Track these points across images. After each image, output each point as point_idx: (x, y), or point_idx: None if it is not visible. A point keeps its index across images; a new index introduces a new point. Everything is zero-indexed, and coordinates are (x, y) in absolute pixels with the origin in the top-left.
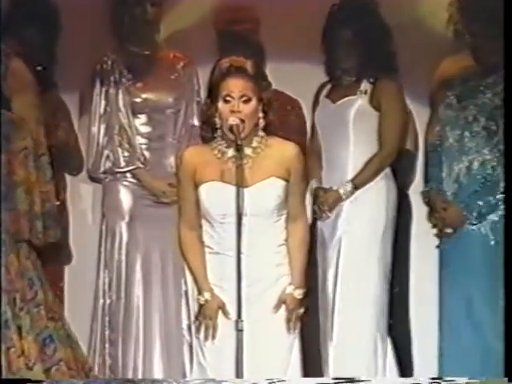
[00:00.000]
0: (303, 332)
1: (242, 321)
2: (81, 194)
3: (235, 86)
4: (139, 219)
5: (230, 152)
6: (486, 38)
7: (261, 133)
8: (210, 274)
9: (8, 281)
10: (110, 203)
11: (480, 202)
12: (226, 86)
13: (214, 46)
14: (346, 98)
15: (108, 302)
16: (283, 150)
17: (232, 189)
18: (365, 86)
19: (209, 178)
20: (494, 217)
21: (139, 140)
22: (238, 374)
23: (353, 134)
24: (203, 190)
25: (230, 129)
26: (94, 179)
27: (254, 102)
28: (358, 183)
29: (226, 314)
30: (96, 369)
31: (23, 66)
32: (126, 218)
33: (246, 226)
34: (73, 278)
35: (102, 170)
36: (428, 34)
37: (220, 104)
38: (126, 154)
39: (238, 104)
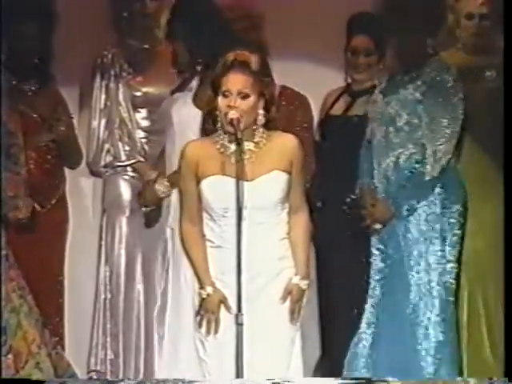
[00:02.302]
0: None
1: (241, 315)
2: (81, 189)
3: (234, 82)
4: (139, 213)
5: (233, 146)
6: (406, 34)
7: (261, 128)
8: (211, 267)
9: (8, 268)
10: (110, 197)
11: (408, 196)
12: (226, 82)
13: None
14: (177, 94)
15: (109, 296)
16: (284, 142)
17: (234, 183)
18: (194, 81)
19: (211, 172)
20: (424, 210)
21: (139, 134)
22: (239, 368)
23: (176, 130)
24: (206, 184)
25: (230, 122)
26: (93, 173)
27: (252, 98)
28: (173, 181)
29: (227, 308)
30: (98, 363)
31: None
32: (127, 213)
33: (248, 220)
34: (73, 272)
35: (102, 163)
36: None
37: (220, 98)
38: (127, 147)
39: (235, 99)
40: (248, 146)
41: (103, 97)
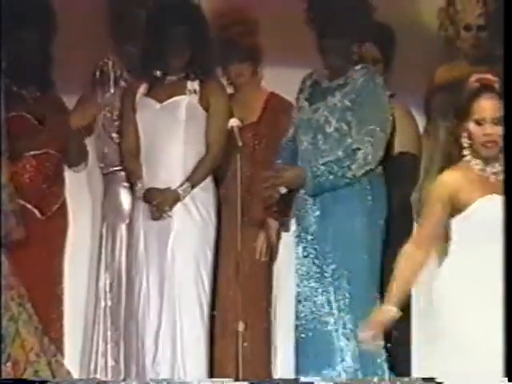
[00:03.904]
0: None
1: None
2: (81, 196)
3: (487, 109)
4: (140, 221)
5: (489, 168)
6: (334, 39)
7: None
8: None
9: (7, 276)
10: (110, 205)
11: (324, 184)
12: (478, 109)
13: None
14: (176, 98)
15: (109, 303)
16: None
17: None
18: (192, 85)
19: (478, 196)
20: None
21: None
22: (238, 368)
23: (184, 133)
24: (474, 207)
25: (485, 146)
26: (91, 181)
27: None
28: (194, 182)
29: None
30: (98, 370)
31: None
32: (127, 220)
33: None
34: (73, 280)
35: (104, 170)
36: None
37: (471, 126)
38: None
39: (491, 127)
40: (497, 167)
41: (103, 104)
